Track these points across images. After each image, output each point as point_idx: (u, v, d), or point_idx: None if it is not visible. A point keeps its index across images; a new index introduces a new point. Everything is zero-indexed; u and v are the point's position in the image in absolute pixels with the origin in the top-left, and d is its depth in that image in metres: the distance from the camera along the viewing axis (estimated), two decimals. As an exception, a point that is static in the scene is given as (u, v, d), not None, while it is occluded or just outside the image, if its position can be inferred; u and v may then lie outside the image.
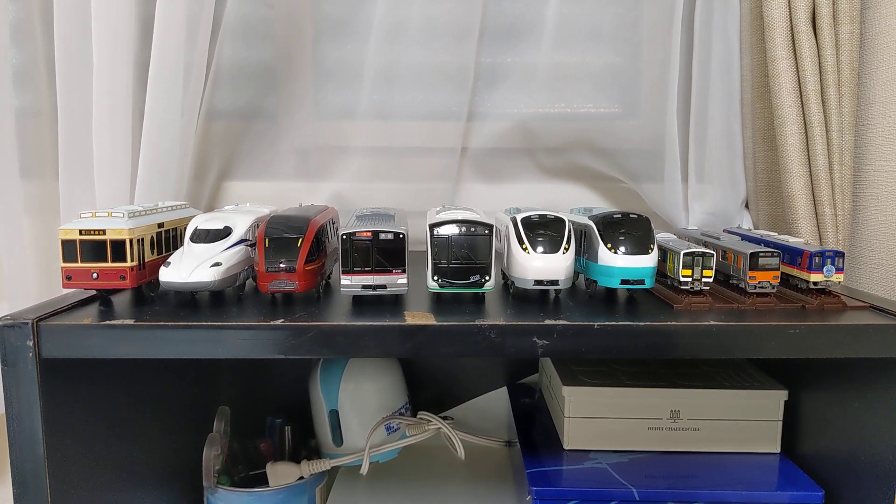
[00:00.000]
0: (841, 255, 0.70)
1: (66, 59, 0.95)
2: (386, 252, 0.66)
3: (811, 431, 0.80)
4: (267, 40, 1.08)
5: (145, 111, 0.94)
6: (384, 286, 0.66)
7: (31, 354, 0.60)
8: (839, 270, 0.70)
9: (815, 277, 0.70)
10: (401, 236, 0.65)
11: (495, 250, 0.68)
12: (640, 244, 0.67)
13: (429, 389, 1.12)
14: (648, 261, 0.67)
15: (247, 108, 1.09)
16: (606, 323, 0.61)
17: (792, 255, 0.73)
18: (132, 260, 0.65)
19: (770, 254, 0.69)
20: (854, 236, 0.94)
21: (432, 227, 0.66)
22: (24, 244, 0.97)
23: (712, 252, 0.69)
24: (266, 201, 1.09)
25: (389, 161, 1.07)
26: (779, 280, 0.70)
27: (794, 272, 0.73)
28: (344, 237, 0.65)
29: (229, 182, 1.10)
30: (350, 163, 1.07)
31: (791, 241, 0.76)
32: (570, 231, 0.68)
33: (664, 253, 0.73)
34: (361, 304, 0.68)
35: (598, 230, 0.68)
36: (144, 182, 0.94)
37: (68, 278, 0.65)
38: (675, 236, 0.79)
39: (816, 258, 0.70)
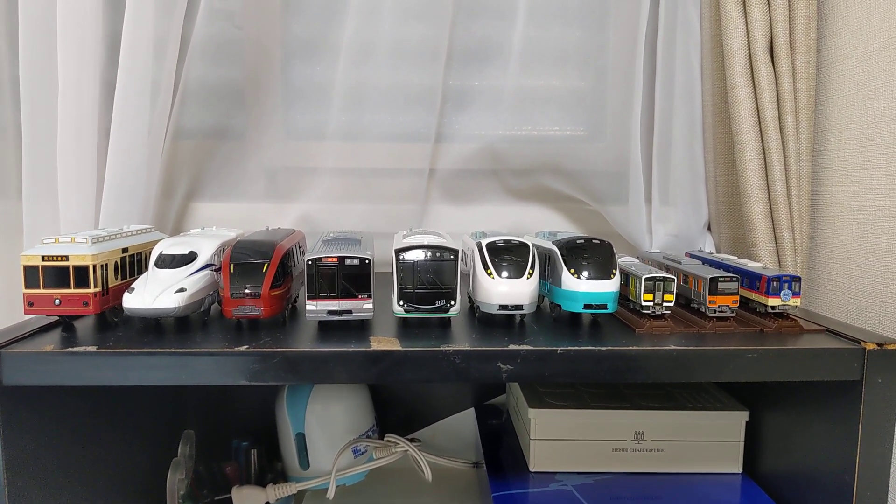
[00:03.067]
0: (798, 279, 0.71)
1: (31, 77, 0.94)
2: (352, 277, 0.66)
3: (772, 452, 0.81)
4: (235, 60, 1.08)
5: (111, 131, 0.93)
6: (350, 311, 0.66)
7: (-10, 382, 0.59)
8: (796, 295, 0.72)
9: (772, 302, 0.72)
10: (367, 262, 0.66)
11: (462, 273, 0.69)
12: (603, 269, 0.68)
13: (396, 411, 1.12)
14: (611, 286, 0.68)
15: (215, 128, 1.09)
16: (569, 348, 0.62)
17: (751, 280, 0.75)
18: (95, 286, 0.65)
19: (729, 278, 0.71)
20: (812, 259, 0.96)
21: (398, 252, 0.67)
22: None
23: (673, 277, 0.70)
24: (233, 222, 1.09)
25: (357, 182, 1.07)
26: (738, 304, 0.71)
27: (753, 296, 0.74)
28: (310, 262, 0.65)
29: (196, 203, 1.09)
30: (318, 184, 1.07)
31: (750, 265, 0.77)
32: (534, 256, 0.69)
33: (626, 277, 0.75)
34: (327, 329, 0.68)
35: (562, 255, 0.69)
36: (110, 202, 0.94)
37: (30, 304, 0.64)
38: (637, 260, 0.81)
39: (774, 283, 0.71)
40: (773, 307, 0.72)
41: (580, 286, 0.68)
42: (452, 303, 0.67)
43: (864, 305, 0.86)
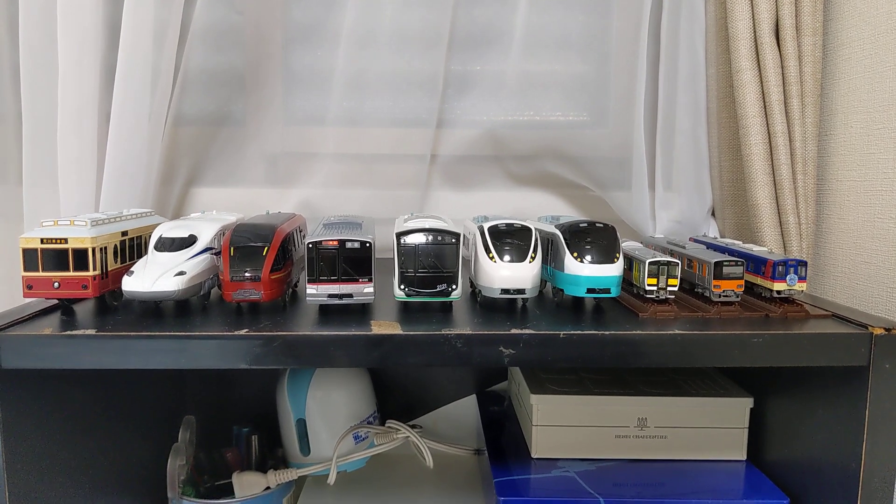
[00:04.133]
0: (804, 263, 0.71)
1: (31, 63, 0.94)
2: (352, 261, 0.65)
3: (777, 439, 0.81)
4: (236, 45, 1.07)
5: (112, 116, 0.93)
6: (350, 295, 0.66)
7: (-11, 365, 0.59)
8: (802, 279, 0.71)
9: (778, 286, 0.71)
10: (367, 245, 0.65)
11: (463, 258, 0.68)
12: (606, 253, 0.67)
13: (397, 397, 1.12)
14: (614, 270, 0.67)
15: (215, 113, 1.08)
16: (572, 332, 0.62)
17: (756, 264, 0.74)
18: (95, 269, 0.64)
19: (734, 263, 0.70)
20: (817, 245, 0.96)
21: (399, 235, 0.66)
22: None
23: (677, 261, 0.69)
24: (234, 208, 1.08)
25: (358, 168, 1.06)
26: (743, 289, 0.71)
27: (758, 281, 0.74)
28: (310, 246, 0.65)
29: (197, 188, 1.09)
30: (319, 169, 1.06)
31: (755, 249, 0.77)
32: (536, 240, 0.69)
33: (630, 261, 0.74)
34: (328, 313, 0.68)
35: (565, 239, 0.69)
36: (110, 188, 0.93)
37: (29, 287, 0.64)
38: (641, 245, 0.80)
39: (780, 267, 0.71)
40: (778, 292, 0.71)
41: (583, 270, 0.67)
42: (454, 287, 0.67)
43: (871, 291, 0.85)
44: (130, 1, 0.91)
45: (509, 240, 0.68)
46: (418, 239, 0.66)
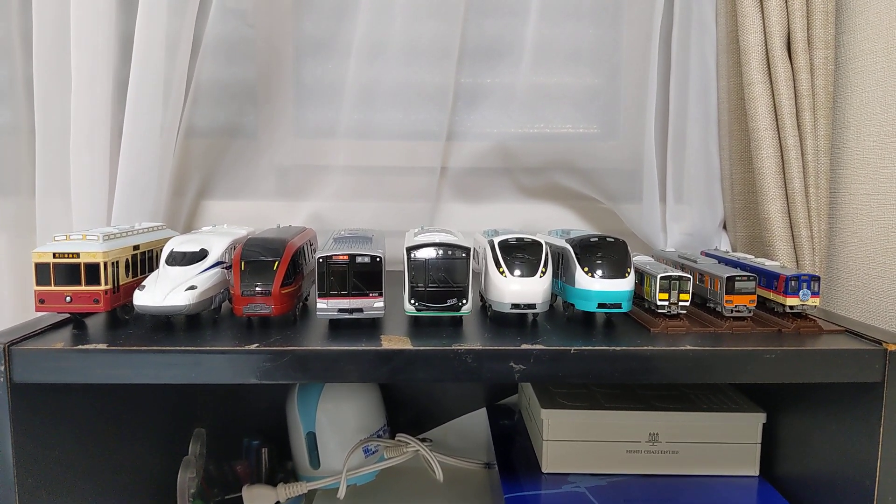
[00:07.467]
0: (817, 279, 0.70)
1: (44, 76, 0.95)
2: (363, 275, 0.65)
3: (789, 454, 0.80)
4: (247, 58, 1.07)
5: (124, 129, 0.93)
6: (361, 310, 0.66)
7: (1, 379, 0.59)
8: (815, 294, 0.70)
9: (791, 301, 0.70)
10: (378, 259, 0.65)
11: (473, 272, 0.68)
12: (617, 268, 0.67)
13: (407, 411, 1.11)
14: (625, 284, 0.67)
15: (226, 126, 1.08)
16: (583, 348, 0.61)
17: (768, 279, 0.74)
18: (106, 283, 0.65)
19: (746, 277, 0.70)
20: (830, 259, 0.95)
21: (409, 249, 0.66)
22: (-1, 264, 0.96)
23: (689, 276, 0.69)
24: (245, 220, 1.08)
25: (369, 180, 1.06)
26: (755, 304, 0.70)
27: (771, 296, 0.73)
28: (320, 260, 0.65)
29: (208, 201, 1.09)
30: (329, 182, 1.06)
31: (767, 264, 0.76)
32: (547, 254, 0.68)
33: (641, 276, 0.74)
34: (338, 327, 0.68)
35: (576, 254, 0.68)
36: (122, 200, 0.94)
37: (41, 302, 0.64)
38: (652, 259, 0.80)
39: (792, 282, 0.70)
40: (791, 307, 0.70)
41: (594, 285, 0.67)
42: (464, 301, 0.67)
43: (885, 306, 0.84)
44: (143, 14, 0.91)
45: (520, 254, 0.68)
46: (429, 253, 0.66)
